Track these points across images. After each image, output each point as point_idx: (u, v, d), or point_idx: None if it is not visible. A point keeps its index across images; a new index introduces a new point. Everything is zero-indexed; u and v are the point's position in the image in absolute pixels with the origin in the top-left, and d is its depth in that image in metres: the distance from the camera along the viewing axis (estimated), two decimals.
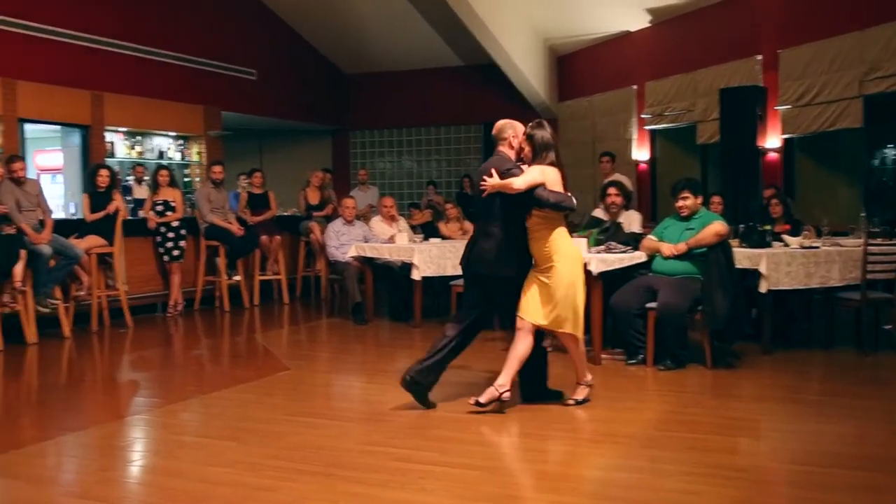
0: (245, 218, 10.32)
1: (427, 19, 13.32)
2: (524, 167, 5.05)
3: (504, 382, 5.00)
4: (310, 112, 14.95)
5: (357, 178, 13.49)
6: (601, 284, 6.34)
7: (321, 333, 8.68)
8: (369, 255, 8.72)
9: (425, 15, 13.19)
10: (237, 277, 10.10)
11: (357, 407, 5.47)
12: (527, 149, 5.09)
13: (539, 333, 5.14)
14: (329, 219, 10.61)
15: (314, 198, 11.18)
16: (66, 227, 8.37)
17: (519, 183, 4.87)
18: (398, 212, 9.85)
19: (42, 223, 7.87)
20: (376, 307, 9.12)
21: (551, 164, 5.01)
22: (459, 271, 8.42)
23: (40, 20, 10.04)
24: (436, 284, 9.25)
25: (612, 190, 7.41)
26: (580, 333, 5.09)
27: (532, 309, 5.02)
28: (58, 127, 10.74)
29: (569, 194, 5.02)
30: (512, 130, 5.21)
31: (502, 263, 5.04)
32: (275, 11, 13.85)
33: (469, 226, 9.75)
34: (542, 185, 4.90)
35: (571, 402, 5.17)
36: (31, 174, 9.02)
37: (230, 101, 12.86)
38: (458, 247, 8.64)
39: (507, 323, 5.39)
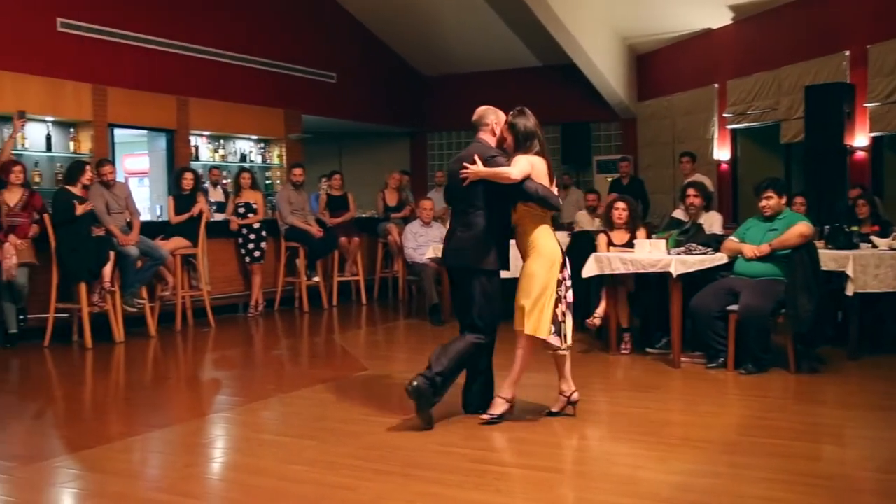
0: (324, 220, 10.46)
1: (505, 20, 13.30)
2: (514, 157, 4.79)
3: (511, 392, 4.88)
4: (388, 114, 15.07)
5: (435, 180, 13.56)
6: (681, 286, 6.23)
7: (398, 334, 8.74)
8: None
9: (503, 16, 13.17)
10: (316, 278, 10.25)
11: (433, 408, 5.47)
12: (509, 138, 4.90)
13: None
14: (407, 220, 10.68)
15: (392, 199, 11.27)
16: (152, 229, 8.62)
17: (516, 173, 4.63)
18: None
19: (130, 225, 8.13)
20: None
21: (537, 153, 4.83)
22: None
23: (129, 28, 10.37)
24: (511, 286, 9.18)
25: (691, 191, 7.27)
26: (541, 335, 4.77)
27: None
28: (145, 131, 11.07)
29: (555, 191, 4.82)
30: (494, 117, 5.02)
31: (482, 255, 4.75)
32: (354, 15, 14.01)
33: None
34: (529, 176, 4.68)
35: (486, 417, 4.79)
36: (119, 178, 9.29)
37: (310, 104, 13.06)
38: None
39: (476, 323, 4.84)
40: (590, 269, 6.73)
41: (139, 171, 13.22)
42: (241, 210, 9.70)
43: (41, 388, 6.38)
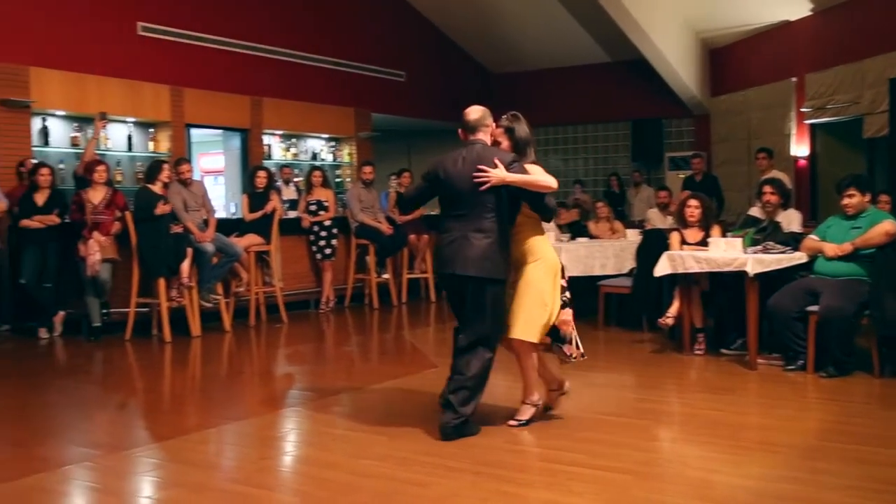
0: (394, 217, 10.52)
1: (574, 16, 13.19)
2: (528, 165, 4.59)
3: (534, 394, 4.76)
4: (457, 112, 14.74)
5: None
6: (757, 286, 6.09)
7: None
8: None
9: (573, 11, 13.07)
10: (386, 275, 10.33)
11: (503, 405, 5.45)
12: (505, 143, 4.72)
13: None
14: None
15: None
16: (226, 227, 8.79)
17: (553, 181, 4.47)
18: None
19: (206, 222, 8.31)
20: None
21: (533, 162, 4.67)
22: (608, 271, 8.39)
23: (205, 31, 10.63)
24: (582, 284, 9.13)
25: (767, 188, 7.09)
26: (537, 341, 4.62)
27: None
28: (220, 131, 11.30)
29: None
30: (490, 118, 4.75)
31: (501, 264, 4.50)
32: (423, 13, 14.07)
33: (620, 225, 9.58)
34: None
35: (514, 423, 4.68)
36: (196, 176, 9.50)
37: (380, 103, 13.16)
38: (606, 247, 8.56)
39: (491, 335, 4.56)
40: (662, 268, 6.63)
41: (214, 170, 13.51)
42: (313, 208, 9.82)
43: (123, 379, 6.57)
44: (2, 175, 8.36)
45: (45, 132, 9.05)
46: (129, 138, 9.79)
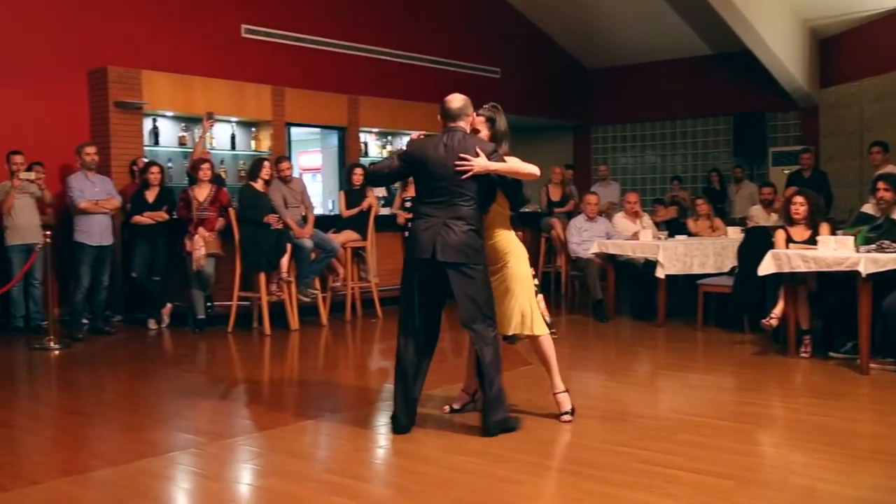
0: None
1: (674, 7, 12.93)
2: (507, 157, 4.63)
3: (558, 384, 4.83)
4: (551, 108, 14.99)
5: (598, 174, 13.37)
6: (871, 287, 5.84)
7: (560, 329, 8.63)
8: (612, 251, 8.61)
9: (672, 3, 12.82)
10: None
11: (598, 405, 5.41)
12: (485, 132, 4.74)
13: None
14: (570, 215, 10.59)
15: (555, 194, 11.21)
16: (324, 223, 8.96)
17: (536, 169, 4.53)
18: (642, 208, 9.65)
19: (305, 219, 8.49)
20: (618, 305, 9.00)
21: (506, 154, 4.66)
22: (707, 270, 8.20)
23: (305, 32, 10.88)
24: (680, 282, 8.98)
25: (882, 184, 6.78)
26: (544, 333, 4.73)
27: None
28: (318, 129, 11.52)
29: None
30: (471, 108, 4.73)
31: (479, 250, 4.49)
32: (518, 9, 14.03)
33: (720, 223, 9.36)
34: None
35: (567, 418, 4.71)
36: (295, 174, 9.71)
37: (474, 99, 12.96)
38: (705, 244, 8.37)
39: (487, 320, 4.52)
40: (767, 267, 6.43)
41: (312, 168, 13.78)
42: (408, 204, 9.89)
43: (225, 370, 6.78)
44: (116, 173, 8.73)
45: (155, 132, 9.42)
46: (233, 137, 10.08)
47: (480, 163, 4.46)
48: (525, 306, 4.66)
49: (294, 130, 10.97)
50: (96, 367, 6.80)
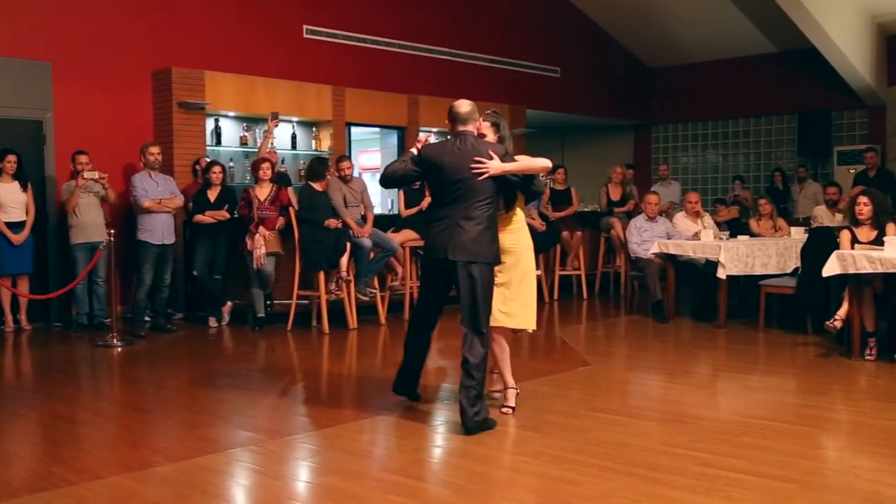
0: (547, 213, 10.48)
1: (738, 5, 12.71)
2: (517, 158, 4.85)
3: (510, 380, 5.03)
4: (612, 107, 14.87)
5: (659, 174, 13.22)
6: None
7: (620, 330, 8.61)
8: (672, 251, 8.51)
9: (736, 1, 12.59)
10: (537, 272, 10.28)
11: (658, 406, 5.35)
12: (491, 136, 4.90)
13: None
14: (630, 215, 10.49)
15: (615, 193, 11.11)
16: (383, 222, 9.01)
17: (547, 161, 4.83)
18: (703, 208, 9.51)
19: (364, 218, 8.55)
20: (678, 305, 8.89)
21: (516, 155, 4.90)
22: (769, 270, 8.05)
23: (365, 32, 10.98)
24: (742, 283, 8.84)
25: None
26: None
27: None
28: (378, 129, 11.60)
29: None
30: (477, 113, 4.86)
31: (493, 248, 4.71)
32: (578, 7, 13.94)
33: (783, 223, 9.19)
34: None
35: (508, 410, 4.92)
36: (355, 173, 9.79)
37: (534, 99, 13.15)
38: (768, 245, 8.22)
39: (480, 320, 4.70)
40: (831, 268, 6.29)
41: (372, 167, 13.86)
42: None
43: (284, 368, 6.86)
44: (178, 173, 8.90)
45: (217, 132, 9.58)
46: (293, 137, 10.21)
47: (495, 165, 4.65)
48: (532, 301, 4.98)
49: (354, 130, 11.06)
50: (158, 364, 6.94)
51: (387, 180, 5.03)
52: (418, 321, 5.09)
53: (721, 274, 7.89)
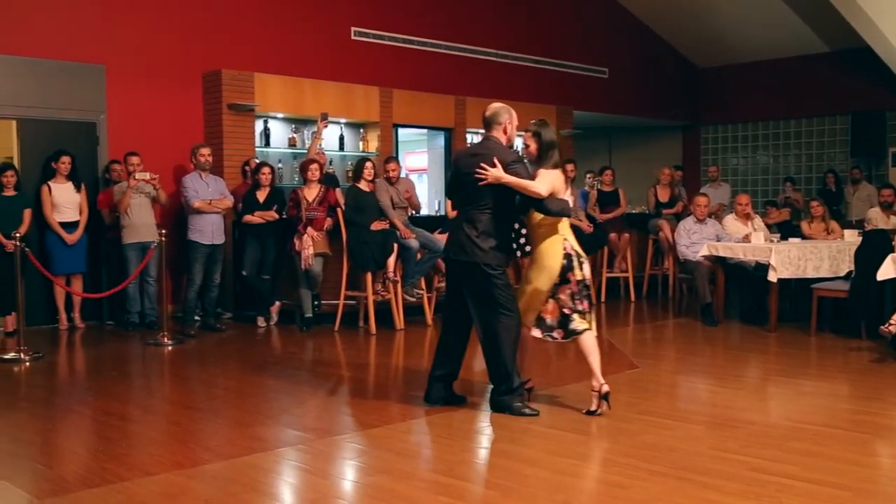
0: (594, 215, 10.42)
1: (789, 4, 12.51)
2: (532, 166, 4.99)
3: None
4: (660, 108, 14.73)
5: (708, 175, 13.06)
6: None
7: (668, 333, 8.52)
8: (722, 254, 8.40)
9: (788, 0, 12.40)
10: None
11: (707, 410, 5.29)
12: (533, 146, 5.00)
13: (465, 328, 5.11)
14: (679, 217, 10.39)
15: (664, 195, 11.01)
16: (430, 223, 9.03)
17: (544, 191, 4.78)
18: (753, 210, 9.38)
19: (412, 219, 8.57)
20: (727, 309, 8.78)
21: (554, 165, 4.94)
22: (822, 274, 7.91)
23: (412, 34, 11.02)
24: (793, 287, 8.69)
25: None
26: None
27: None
28: (425, 130, 11.63)
29: (568, 200, 4.94)
30: (508, 116, 5.03)
31: (483, 250, 4.87)
32: (627, 7, 13.83)
33: (836, 225, 9.02)
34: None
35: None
36: (402, 174, 9.83)
37: (582, 100, 13.08)
38: (820, 248, 8.07)
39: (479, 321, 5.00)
40: (886, 272, 6.18)
41: (419, 168, 13.91)
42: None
43: (331, 368, 6.90)
44: (228, 174, 9.02)
45: (266, 133, 9.69)
46: (341, 138, 10.28)
47: (494, 174, 4.79)
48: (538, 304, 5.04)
49: (401, 131, 11.11)
50: (207, 363, 7.04)
51: (447, 193, 5.51)
52: (443, 321, 5.31)
53: (772, 277, 7.77)
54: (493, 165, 4.80)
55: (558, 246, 4.98)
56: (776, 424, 4.85)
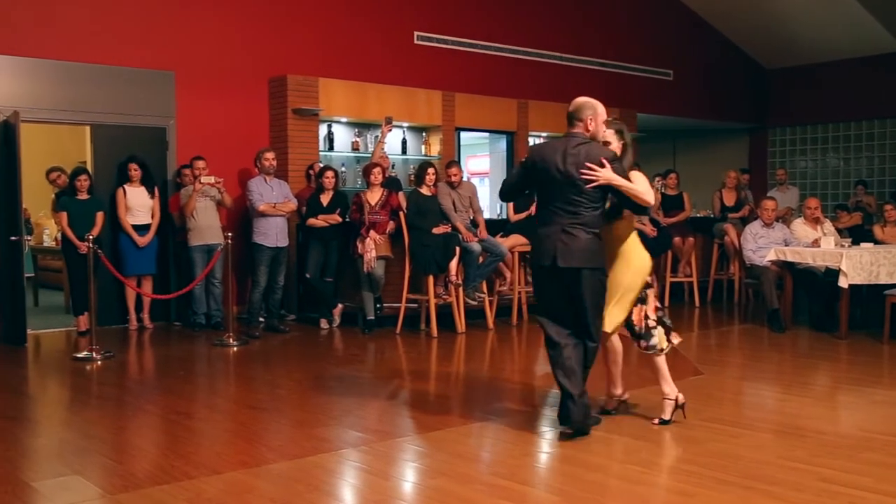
0: (658, 219, 10.28)
1: (861, 2, 12.18)
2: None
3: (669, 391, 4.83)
4: (726, 110, 14.49)
5: (775, 179, 12.79)
6: None
7: (733, 339, 8.37)
8: (790, 259, 8.21)
9: None
10: (648, 279, 10.08)
11: (773, 418, 5.17)
12: (616, 144, 4.78)
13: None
14: (745, 221, 10.20)
15: (730, 199, 10.81)
16: (492, 227, 9.01)
17: (651, 197, 4.57)
18: (823, 214, 9.15)
19: (474, 223, 8.57)
20: (795, 315, 8.58)
21: (632, 166, 4.79)
22: (895, 280, 7.68)
23: (475, 37, 11.04)
24: (865, 293, 8.45)
25: None
26: (606, 330, 4.74)
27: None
28: (487, 134, 11.63)
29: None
30: (592, 112, 4.64)
31: (602, 255, 4.58)
32: (691, 8, 13.64)
33: None
34: None
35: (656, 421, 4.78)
36: (464, 178, 9.85)
37: (646, 102, 12.93)
38: (894, 253, 7.82)
39: (592, 327, 4.55)
40: None
41: (481, 172, 13.90)
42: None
43: (393, 370, 6.94)
44: (292, 178, 9.14)
45: (329, 138, 9.79)
46: (404, 142, 10.34)
47: (606, 175, 4.49)
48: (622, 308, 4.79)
49: (463, 135, 11.12)
50: (271, 364, 7.13)
51: (503, 194, 5.10)
52: (548, 335, 4.68)
53: (843, 283, 7.57)
54: (601, 166, 4.48)
55: (639, 244, 4.85)
56: (847, 434, 4.73)
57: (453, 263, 8.07)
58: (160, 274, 8.70)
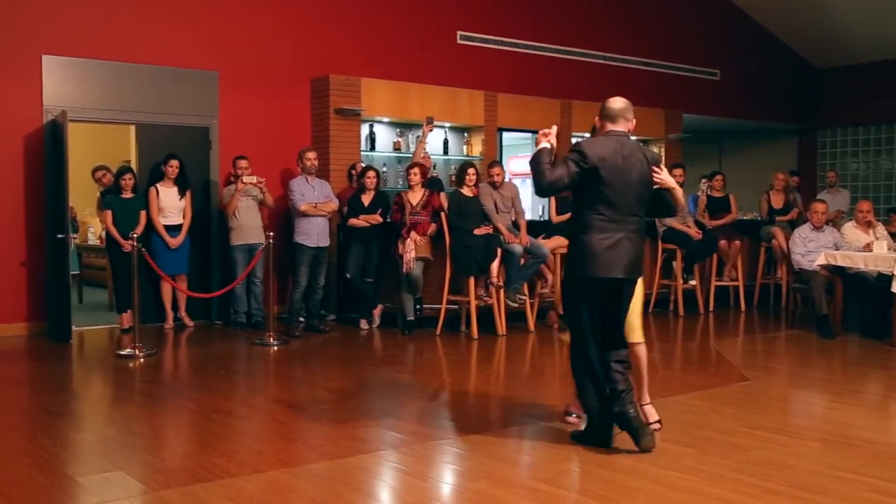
0: (704, 222, 10.13)
1: None
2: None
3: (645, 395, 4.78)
4: (774, 111, 14.23)
5: (825, 181, 12.53)
6: None
7: (780, 345, 8.20)
8: (840, 263, 8.02)
9: None
10: (693, 282, 9.95)
11: (822, 427, 5.04)
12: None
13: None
14: (793, 224, 10.00)
15: (777, 201, 10.61)
16: (534, 228, 8.94)
17: (680, 194, 4.53)
18: (875, 217, 8.93)
19: (515, 224, 8.51)
20: (845, 321, 8.37)
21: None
22: None
23: (518, 37, 10.97)
24: None
25: None
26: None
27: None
28: (529, 134, 11.54)
29: None
30: (632, 112, 4.46)
31: (640, 264, 4.42)
32: (739, 6, 13.42)
33: None
34: None
35: (656, 426, 4.63)
36: (506, 178, 9.79)
37: (691, 103, 12.75)
38: None
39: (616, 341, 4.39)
40: None
41: (522, 173, 13.82)
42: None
43: (433, 372, 6.90)
44: (334, 178, 9.15)
45: (371, 138, 9.79)
46: (445, 142, 10.30)
47: (668, 179, 4.41)
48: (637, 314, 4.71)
49: (505, 135, 11.05)
50: (311, 364, 7.14)
51: (553, 188, 4.42)
52: (587, 358, 4.45)
53: (895, 288, 7.37)
54: (662, 170, 4.37)
55: None
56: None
57: (494, 265, 8.01)
58: (201, 272, 8.75)
